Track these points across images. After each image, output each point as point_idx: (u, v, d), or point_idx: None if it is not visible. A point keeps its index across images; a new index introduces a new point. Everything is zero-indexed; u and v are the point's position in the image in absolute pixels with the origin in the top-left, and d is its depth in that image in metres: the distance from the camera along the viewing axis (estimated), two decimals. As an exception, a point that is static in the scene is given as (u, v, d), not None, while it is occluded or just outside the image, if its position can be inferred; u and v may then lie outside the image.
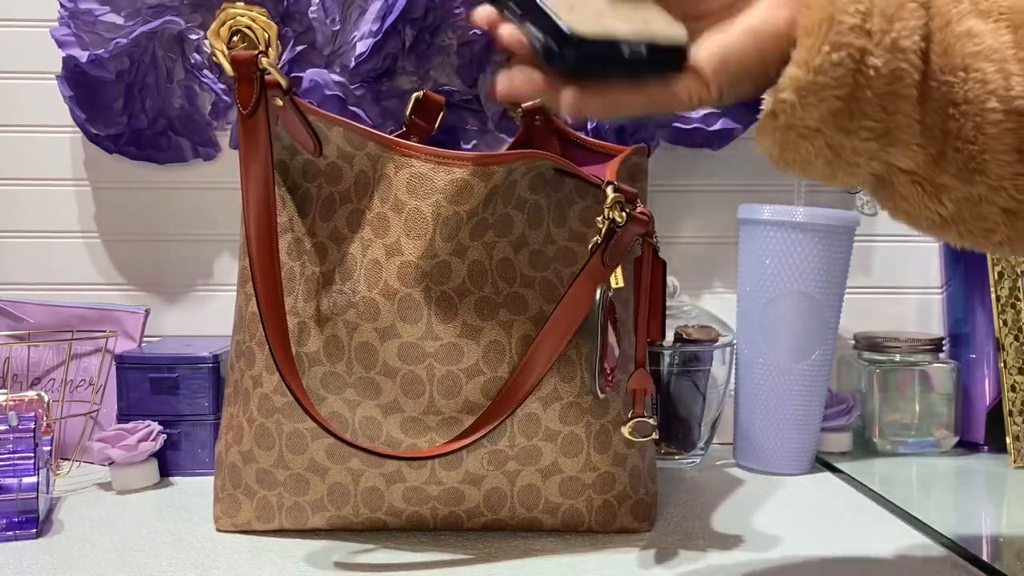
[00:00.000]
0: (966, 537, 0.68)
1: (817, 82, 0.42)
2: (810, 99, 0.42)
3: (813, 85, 0.42)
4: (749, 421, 0.89)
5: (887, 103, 0.42)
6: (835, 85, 0.42)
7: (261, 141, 0.64)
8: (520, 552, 0.66)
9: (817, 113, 0.42)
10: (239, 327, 0.70)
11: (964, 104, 0.43)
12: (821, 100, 0.42)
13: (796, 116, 0.43)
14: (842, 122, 0.43)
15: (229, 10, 0.92)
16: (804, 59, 0.42)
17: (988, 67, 0.42)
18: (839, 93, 0.42)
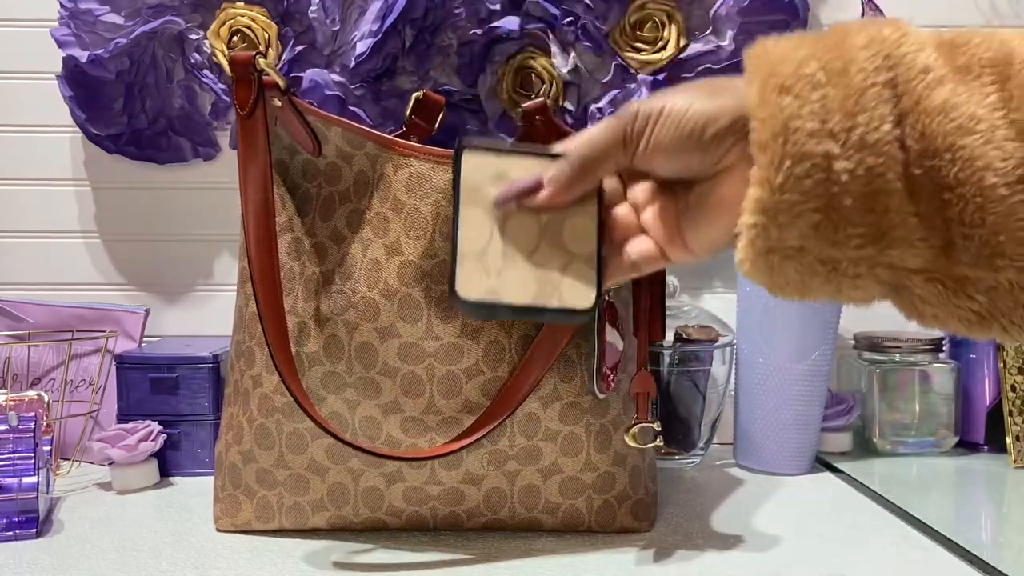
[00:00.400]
0: (966, 537, 0.68)
1: (785, 200, 0.38)
2: (782, 219, 0.38)
3: (781, 204, 0.38)
4: (749, 421, 0.89)
5: (872, 204, 0.38)
6: (806, 199, 0.38)
7: (259, 142, 0.64)
8: (520, 552, 0.66)
9: (795, 231, 0.38)
10: (239, 327, 0.70)
11: (959, 187, 0.37)
12: (795, 217, 0.38)
13: (772, 238, 0.39)
14: (826, 235, 0.38)
15: (229, 10, 0.92)
16: (765, 178, 0.38)
17: (973, 141, 0.37)
18: (813, 206, 0.38)
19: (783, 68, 0.38)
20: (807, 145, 0.37)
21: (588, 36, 0.92)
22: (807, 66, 0.38)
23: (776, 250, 0.39)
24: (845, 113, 0.37)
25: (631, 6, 0.93)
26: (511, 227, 0.44)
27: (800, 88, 0.38)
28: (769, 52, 0.40)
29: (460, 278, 0.43)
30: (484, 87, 0.95)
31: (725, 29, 0.92)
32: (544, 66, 0.93)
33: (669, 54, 0.93)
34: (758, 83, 0.39)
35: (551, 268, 0.44)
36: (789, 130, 0.37)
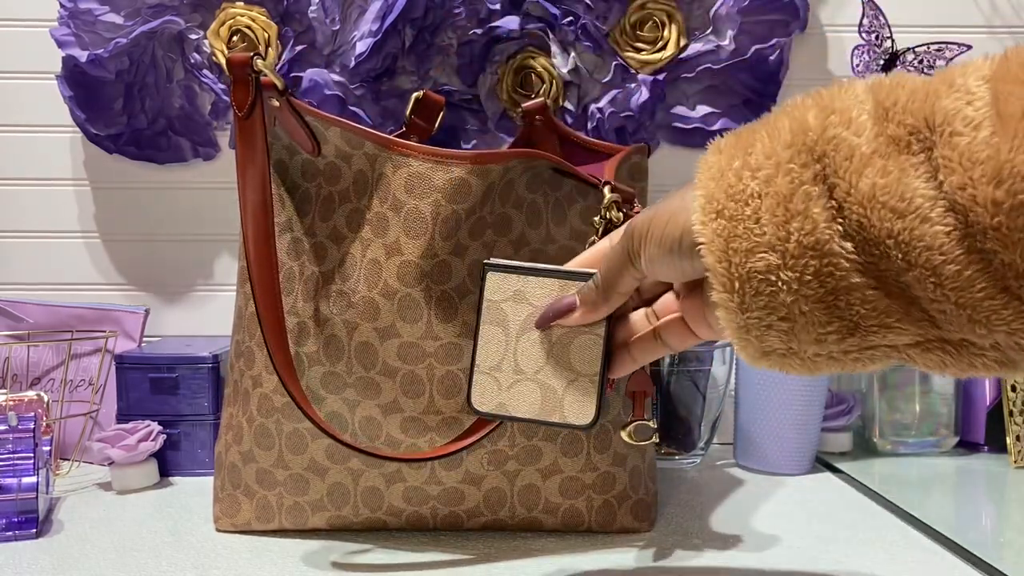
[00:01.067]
0: (966, 537, 0.68)
1: (750, 318, 0.38)
2: (755, 333, 0.38)
3: (750, 321, 0.38)
4: (749, 421, 0.88)
5: (833, 302, 0.37)
6: (768, 312, 0.38)
7: (258, 142, 0.64)
8: (520, 552, 0.65)
9: (774, 340, 0.39)
10: (239, 327, 0.70)
11: (912, 270, 0.35)
12: (767, 329, 0.38)
13: (759, 348, 0.39)
14: (804, 337, 0.38)
15: (229, 10, 0.92)
16: (723, 300, 0.38)
17: (910, 223, 0.34)
18: (778, 316, 0.38)
19: (718, 189, 0.38)
20: (749, 262, 0.37)
21: (588, 36, 0.92)
22: (740, 180, 0.38)
23: (770, 353, 0.39)
24: (777, 223, 0.36)
25: (631, 6, 0.93)
26: (523, 344, 0.49)
27: (733, 208, 0.38)
28: (710, 166, 0.40)
29: (475, 391, 0.50)
30: (484, 87, 0.95)
31: (725, 29, 0.92)
32: (544, 66, 0.93)
33: (669, 54, 0.93)
34: (699, 209, 0.39)
35: (556, 385, 0.48)
36: (729, 252, 0.37)
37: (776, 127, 0.38)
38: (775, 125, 0.39)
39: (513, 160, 0.62)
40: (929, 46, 0.96)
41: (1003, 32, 0.99)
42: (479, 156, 0.61)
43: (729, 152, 0.39)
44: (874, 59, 0.97)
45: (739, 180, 0.38)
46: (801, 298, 0.37)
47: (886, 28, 0.96)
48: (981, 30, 0.98)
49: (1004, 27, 0.99)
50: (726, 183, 0.38)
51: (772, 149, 0.38)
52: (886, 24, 0.96)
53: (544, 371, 0.48)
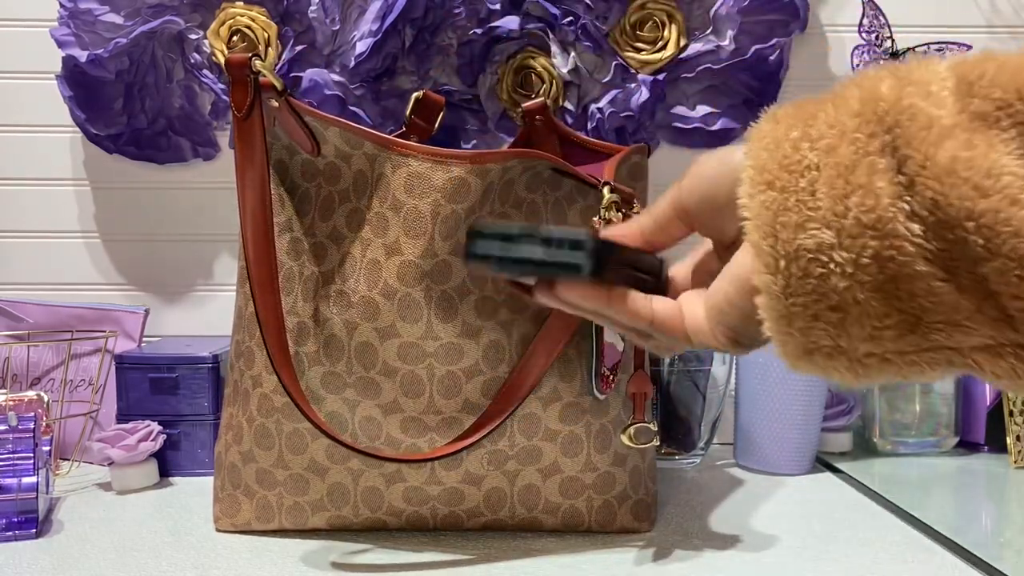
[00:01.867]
0: (967, 537, 0.68)
1: (795, 305, 0.34)
2: (799, 324, 0.34)
3: (794, 309, 0.34)
4: (749, 421, 0.88)
5: (893, 291, 0.32)
6: (816, 300, 0.33)
7: (257, 143, 0.64)
8: (520, 552, 0.65)
9: (820, 333, 0.34)
10: (238, 327, 0.70)
11: (993, 259, 0.30)
12: (813, 319, 0.34)
13: (801, 343, 0.34)
14: (855, 332, 0.33)
15: (229, 10, 0.92)
16: (767, 284, 0.34)
17: (995, 204, 0.30)
18: (827, 304, 0.33)
19: (771, 160, 0.35)
20: (798, 239, 0.33)
21: (588, 36, 0.92)
22: (798, 150, 0.34)
23: (815, 351, 0.35)
24: (835, 196, 0.32)
25: (631, 6, 0.93)
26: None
27: (786, 180, 0.34)
28: (764, 136, 0.36)
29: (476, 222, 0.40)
30: (484, 87, 0.94)
31: (725, 29, 0.92)
32: (544, 66, 0.93)
33: (669, 54, 0.93)
34: (747, 180, 0.35)
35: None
36: (776, 227, 0.33)
37: (843, 97, 0.35)
38: (842, 95, 0.35)
39: (512, 160, 0.62)
40: (929, 46, 0.96)
41: (1003, 32, 0.99)
42: (478, 156, 0.61)
43: (787, 122, 0.35)
44: (874, 59, 0.97)
45: (796, 150, 0.34)
46: (856, 284, 0.32)
47: (886, 28, 0.96)
48: (981, 30, 0.98)
49: (1004, 27, 0.99)
50: (781, 154, 0.34)
51: (836, 118, 0.34)
52: (886, 24, 0.96)
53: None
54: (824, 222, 0.33)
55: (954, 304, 0.32)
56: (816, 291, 0.33)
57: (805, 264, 0.33)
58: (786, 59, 0.94)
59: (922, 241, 0.31)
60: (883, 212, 0.32)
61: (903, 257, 0.32)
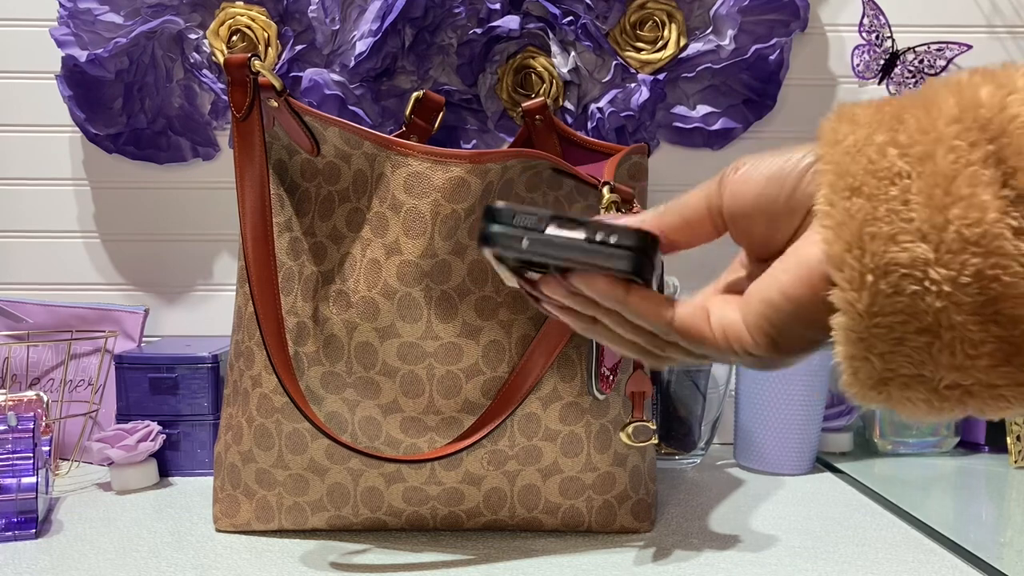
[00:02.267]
0: (967, 537, 0.68)
1: (878, 326, 0.30)
2: (880, 347, 0.31)
3: (876, 331, 0.31)
4: (749, 421, 0.88)
5: (993, 315, 0.30)
6: (904, 320, 0.30)
7: (256, 143, 0.63)
8: (520, 552, 0.65)
9: (902, 359, 0.31)
10: (238, 327, 0.70)
11: None
12: (897, 344, 0.31)
13: (878, 369, 0.31)
14: (944, 359, 0.30)
15: (228, 9, 0.92)
16: (848, 301, 0.31)
17: None
18: (916, 327, 0.30)
19: (855, 164, 0.31)
20: (889, 253, 0.30)
21: (588, 36, 0.92)
22: (883, 157, 0.31)
23: (890, 380, 0.32)
24: (934, 207, 0.29)
25: (631, 5, 0.93)
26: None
27: (874, 186, 0.31)
28: (841, 138, 0.33)
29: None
30: (484, 87, 0.94)
31: (725, 28, 0.92)
32: (544, 66, 0.93)
33: (669, 53, 0.93)
34: (826, 186, 0.32)
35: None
36: (865, 238, 0.30)
37: (934, 101, 0.32)
38: (932, 99, 0.32)
39: (512, 159, 0.62)
40: (929, 46, 0.96)
41: (1003, 32, 0.99)
42: (478, 155, 0.61)
43: (869, 124, 0.32)
44: (874, 59, 0.97)
45: (882, 156, 0.31)
46: (952, 305, 0.29)
47: (886, 28, 0.96)
48: (981, 30, 0.98)
49: (1004, 27, 0.99)
50: (865, 158, 0.31)
51: (931, 124, 0.31)
52: (886, 24, 0.96)
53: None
54: (920, 234, 0.30)
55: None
56: (905, 311, 0.30)
57: (896, 280, 0.30)
58: (786, 59, 0.94)
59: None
60: (989, 227, 0.29)
61: (1008, 278, 0.29)
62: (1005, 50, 0.99)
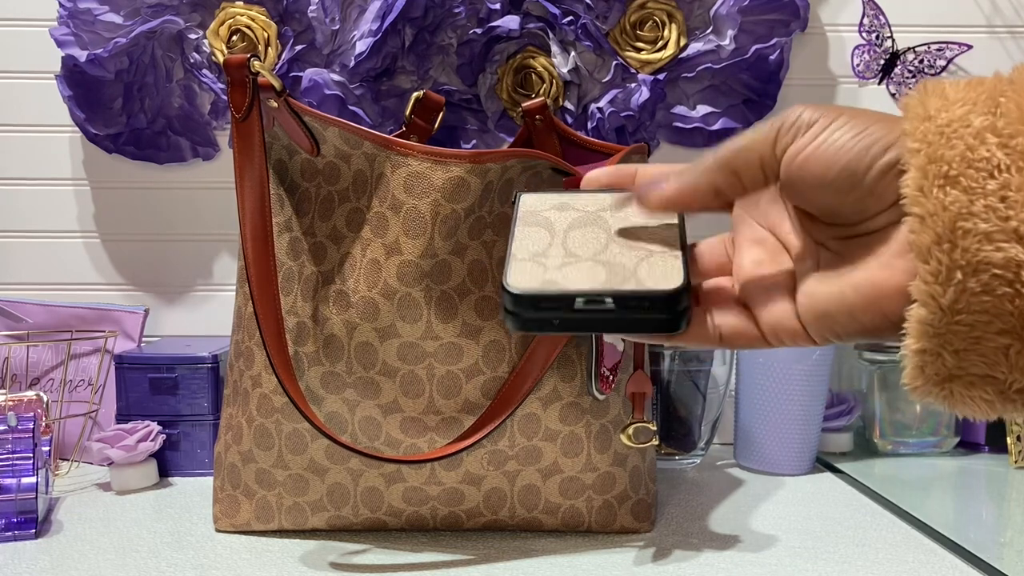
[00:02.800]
0: (967, 537, 0.68)
1: (959, 323, 0.29)
2: (957, 344, 0.30)
3: (956, 328, 0.29)
4: (749, 421, 0.88)
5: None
6: (987, 320, 0.29)
7: (255, 143, 0.63)
8: (520, 552, 0.65)
9: (977, 358, 0.30)
10: (238, 327, 0.69)
11: None
12: (975, 342, 0.29)
13: (949, 366, 0.30)
14: (1021, 362, 0.29)
15: (228, 9, 0.92)
16: (930, 294, 0.29)
17: None
18: (999, 327, 0.29)
19: (949, 149, 0.29)
20: (983, 251, 0.28)
21: (588, 35, 0.91)
22: (982, 144, 0.29)
23: (957, 378, 0.30)
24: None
25: (631, 5, 0.93)
26: (575, 235, 0.37)
27: (971, 177, 0.29)
28: (932, 115, 0.30)
29: (511, 274, 0.34)
30: (484, 87, 0.94)
31: (725, 28, 0.92)
32: (544, 66, 0.93)
33: (669, 53, 0.93)
34: (916, 169, 0.30)
35: (624, 260, 0.35)
36: (957, 233, 0.29)
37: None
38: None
39: (512, 159, 0.62)
40: (930, 46, 0.96)
41: (1003, 32, 0.99)
42: (477, 155, 0.61)
43: (963, 103, 0.30)
44: (874, 59, 0.97)
45: (981, 143, 0.29)
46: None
47: (887, 28, 0.96)
48: (982, 30, 0.98)
49: (1004, 27, 0.98)
50: (962, 144, 0.29)
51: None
52: (887, 24, 0.96)
53: (606, 253, 0.35)
54: (1017, 235, 0.28)
55: None
56: (990, 311, 0.29)
57: (988, 280, 0.29)
58: (786, 59, 0.94)
59: None
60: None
61: None
62: (1005, 50, 0.99)
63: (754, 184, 0.35)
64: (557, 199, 0.39)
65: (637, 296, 0.33)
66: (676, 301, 0.33)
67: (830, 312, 0.33)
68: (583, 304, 0.33)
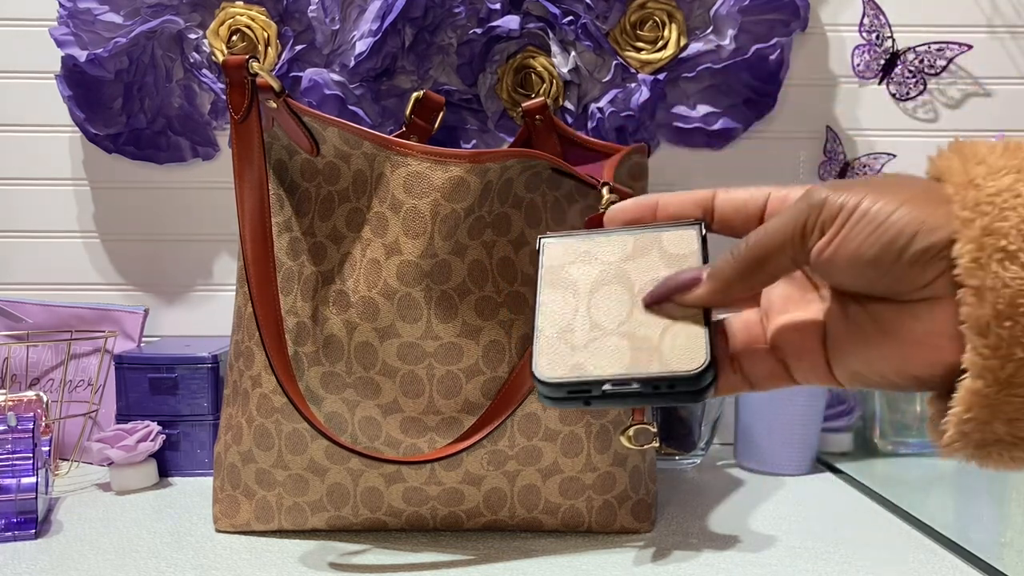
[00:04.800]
0: (967, 538, 0.68)
1: (1016, 395, 0.29)
2: (1009, 413, 0.29)
3: (1012, 399, 0.29)
4: (750, 421, 0.88)
5: None
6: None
7: (254, 144, 0.63)
8: (520, 552, 0.65)
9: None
10: (238, 327, 0.69)
11: None
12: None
13: (998, 433, 0.30)
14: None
15: (228, 9, 0.92)
16: (986, 367, 0.29)
17: None
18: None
19: (1003, 221, 0.28)
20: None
21: (588, 35, 0.91)
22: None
23: (1000, 442, 0.30)
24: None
25: (631, 5, 0.93)
26: (599, 299, 0.37)
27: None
28: (980, 184, 0.30)
29: (540, 359, 0.36)
30: (484, 87, 0.94)
31: (726, 28, 0.92)
32: (544, 66, 0.93)
33: (670, 53, 0.93)
34: (970, 241, 0.29)
35: (648, 333, 0.36)
36: (1019, 309, 0.28)
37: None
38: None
39: (511, 159, 0.62)
40: (930, 46, 0.96)
41: (1004, 32, 0.98)
42: (477, 155, 0.61)
43: (1007, 171, 0.30)
44: (875, 59, 0.97)
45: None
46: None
47: (887, 28, 0.96)
48: (982, 30, 0.98)
49: (1005, 27, 0.98)
50: (1017, 217, 0.28)
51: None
52: (887, 24, 0.96)
53: (630, 322, 0.36)
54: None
55: None
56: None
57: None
58: (787, 59, 0.94)
59: None
60: None
61: None
62: (1005, 50, 0.99)
63: (785, 274, 0.34)
64: (580, 246, 0.39)
65: (662, 379, 0.34)
66: (700, 379, 0.34)
67: (861, 373, 0.33)
68: (611, 388, 0.34)
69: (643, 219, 0.39)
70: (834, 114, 0.99)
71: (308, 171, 0.67)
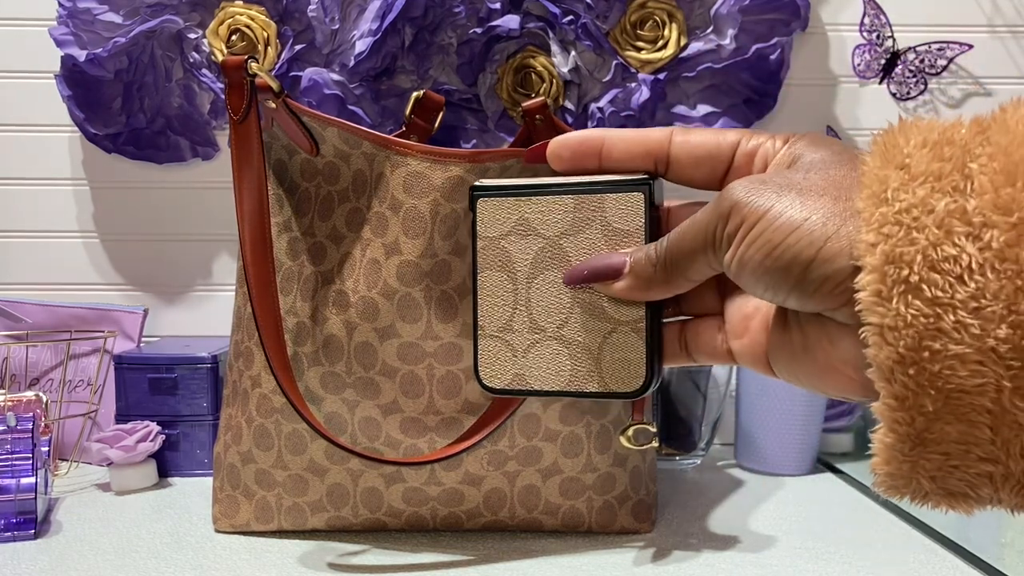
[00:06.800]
0: (967, 538, 0.68)
1: (934, 452, 0.26)
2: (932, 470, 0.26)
3: (930, 456, 0.26)
4: (750, 422, 0.88)
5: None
6: (965, 449, 0.25)
7: (253, 145, 0.63)
8: (520, 553, 0.65)
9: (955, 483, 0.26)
10: (237, 327, 0.69)
11: None
12: (954, 469, 0.26)
13: (924, 488, 0.27)
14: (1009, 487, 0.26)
15: (228, 9, 0.92)
16: (895, 421, 0.25)
17: None
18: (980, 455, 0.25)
19: (910, 245, 0.24)
20: (957, 377, 0.24)
21: (588, 35, 0.91)
22: (948, 237, 0.24)
23: (930, 495, 0.27)
24: (1014, 323, 0.23)
25: (631, 5, 0.93)
26: (538, 290, 0.36)
27: (937, 284, 0.24)
28: (888, 195, 0.25)
29: (483, 362, 0.37)
30: (484, 86, 0.94)
31: (726, 28, 0.92)
32: (544, 65, 0.93)
33: (670, 53, 0.93)
34: (872, 271, 0.25)
35: (588, 341, 0.35)
36: (924, 355, 0.24)
37: (1015, 145, 0.24)
38: (1010, 143, 0.24)
39: (511, 159, 0.62)
40: (930, 45, 0.96)
41: (1004, 32, 0.98)
42: (477, 155, 0.61)
43: (925, 178, 0.25)
44: (875, 58, 0.97)
45: (948, 237, 0.24)
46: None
47: (887, 27, 0.96)
48: (982, 29, 0.98)
49: (1005, 27, 0.98)
50: (924, 239, 0.24)
51: (1013, 195, 0.23)
52: (887, 23, 0.96)
53: (570, 324, 0.35)
54: (995, 356, 0.23)
55: None
56: (968, 441, 0.25)
57: (965, 409, 0.24)
58: (787, 58, 0.94)
59: None
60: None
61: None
62: (1006, 50, 0.98)
63: (710, 277, 0.32)
64: (516, 210, 0.37)
65: (601, 395, 0.36)
66: (638, 395, 0.35)
67: (800, 380, 0.31)
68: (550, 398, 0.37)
69: (586, 163, 0.35)
70: (835, 114, 0.99)
71: (308, 171, 0.67)
